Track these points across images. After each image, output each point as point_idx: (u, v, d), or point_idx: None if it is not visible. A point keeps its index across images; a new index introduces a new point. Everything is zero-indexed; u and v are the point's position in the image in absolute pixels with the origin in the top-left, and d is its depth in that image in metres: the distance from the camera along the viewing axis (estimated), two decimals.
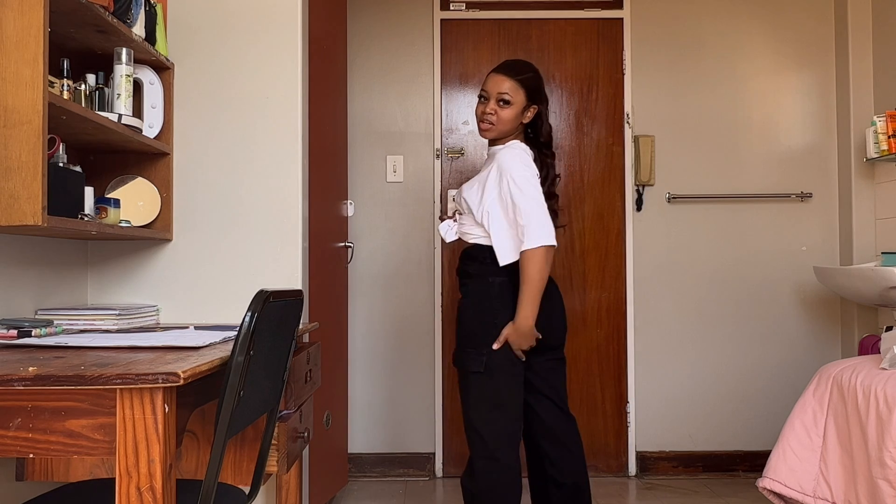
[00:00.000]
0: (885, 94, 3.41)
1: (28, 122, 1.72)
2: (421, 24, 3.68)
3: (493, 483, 2.23)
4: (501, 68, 2.37)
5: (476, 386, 2.25)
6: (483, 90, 2.35)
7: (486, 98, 2.34)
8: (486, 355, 2.22)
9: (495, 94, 2.31)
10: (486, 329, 2.24)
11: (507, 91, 2.30)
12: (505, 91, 2.30)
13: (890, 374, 2.27)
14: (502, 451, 2.23)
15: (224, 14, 2.53)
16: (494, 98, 2.31)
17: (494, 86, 2.32)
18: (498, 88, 2.31)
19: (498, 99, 2.31)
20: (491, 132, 2.35)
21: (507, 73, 2.34)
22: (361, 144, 3.66)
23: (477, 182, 2.35)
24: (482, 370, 2.22)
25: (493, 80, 2.34)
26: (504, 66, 2.38)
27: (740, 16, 3.70)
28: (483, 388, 2.24)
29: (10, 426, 1.27)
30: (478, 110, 2.37)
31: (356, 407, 3.62)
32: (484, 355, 2.22)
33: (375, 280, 3.64)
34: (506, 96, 2.30)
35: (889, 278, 2.69)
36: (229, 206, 2.52)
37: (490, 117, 2.32)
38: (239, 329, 1.35)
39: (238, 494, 1.64)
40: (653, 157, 3.64)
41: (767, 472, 2.56)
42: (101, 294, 2.51)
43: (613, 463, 3.65)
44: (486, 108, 2.33)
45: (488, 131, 2.35)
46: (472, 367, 2.24)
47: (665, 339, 3.66)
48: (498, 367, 2.22)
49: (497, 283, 2.27)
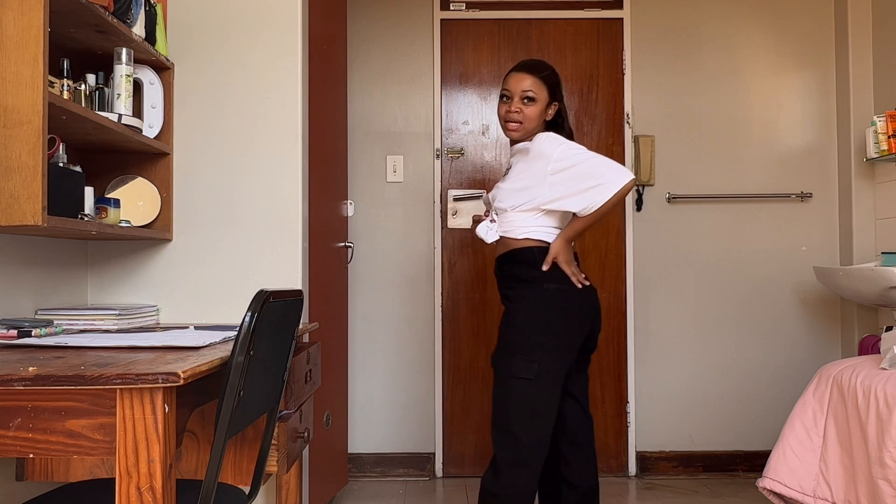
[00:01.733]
0: (885, 94, 3.41)
1: (28, 122, 1.72)
2: (421, 24, 3.68)
3: (519, 490, 2.21)
4: (522, 67, 2.36)
5: (520, 392, 2.21)
6: (505, 89, 2.34)
7: (510, 97, 2.33)
8: (537, 363, 2.19)
9: (519, 92, 2.30)
10: (541, 337, 2.22)
11: (531, 88, 2.30)
12: (528, 88, 2.30)
13: (890, 374, 2.27)
14: (535, 459, 2.22)
15: (224, 14, 2.53)
16: (518, 96, 2.31)
17: (517, 84, 2.31)
18: (521, 86, 2.30)
19: (522, 97, 2.30)
20: (518, 131, 2.33)
21: (528, 71, 2.33)
22: (361, 144, 3.66)
23: (521, 177, 2.29)
24: (532, 377, 2.19)
25: (514, 78, 2.33)
26: (524, 65, 2.37)
27: (740, 16, 3.70)
28: (527, 395, 2.21)
29: (10, 426, 1.27)
30: (501, 111, 2.35)
31: (356, 407, 3.62)
32: (535, 363, 2.19)
33: (375, 280, 3.64)
34: (530, 93, 2.30)
35: (889, 278, 2.69)
36: (229, 205, 2.52)
37: (516, 115, 2.31)
38: (239, 329, 1.35)
39: (238, 494, 1.64)
40: (653, 157, 3.64)
41: (767, 472, 2.56)
42: (101, 294, 2.51)
43: (613, 463, 3.65)
44: (510, 107, 2.32)
45: (516, 131, 2.33)
46: (521, 373, 2.20)
47: (665, 339, 3.66)
48: (547, 375, 2.21)
49: (552, 289, 2.25)
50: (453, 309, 3.63)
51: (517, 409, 2.22)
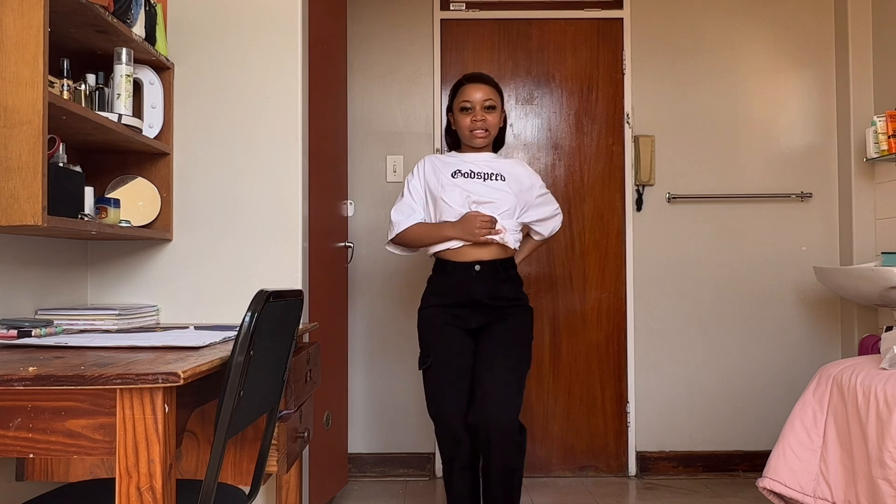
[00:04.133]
0: (885, 94, 3.41)
1: (28, 122, 1.72)
2: (421, 24, 3.68)
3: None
4: (475, 79, 2.57)
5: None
6: (465, 101, 2.52)
7: (471, 108, 2.52)
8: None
9: (480, 102, 2.51)
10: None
11: (490, 96, 2.53)
12: (488, 97, 2.52)
13: (890, 374, 2.27)
14: None
15: (224, 14, 2.53)
16: (480, 105, 2.51)
17: (475, 94, 2.52)
18: (482, 96, 2.52)
19: (483, 106, 2.51)
20: (486, 138, 2.55)
21: (482, 82, 2.55)
22: (361, 144, 3.66)
23: (523, 196, 2.58)
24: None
25: (472, 89, 2.54)
26: (476, 77, 2.58)
27: (740, 16, 3.70)
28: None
29: (10, 426, 1.27)
30: (465, 121, 2.53)
31: (356, 407, 3.62)
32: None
33: (375, 280, 3.64)
34: (489, 101, 2.52)
35: (889, 278, 2.69)
36: (229, 206, 2.52)
37: (482, 124, 2.51)
38: (239, 329, 1.35)
39: (238, 494, 1.64)
40: (653, 157, 3.64)
41: (767, 472, 2.56)
42: (101, 294, 2.51)
43: (613, 463, 3.65)
44: (474, 116, 2.51)
45: (485, 138, 2.54)
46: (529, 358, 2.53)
47: (665, 339, 3.66)
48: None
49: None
50: None
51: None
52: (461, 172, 2.53)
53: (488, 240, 2.46)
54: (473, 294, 2.48)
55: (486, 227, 2.43)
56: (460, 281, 2.49)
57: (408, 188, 2.58)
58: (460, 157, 2.59)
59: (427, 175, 2.57)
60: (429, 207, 2.57)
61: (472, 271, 2.48)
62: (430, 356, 2.47)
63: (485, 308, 2.49)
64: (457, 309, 2.50)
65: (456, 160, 2.58)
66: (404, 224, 2.54)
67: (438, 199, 2.51)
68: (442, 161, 2.59)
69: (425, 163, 2.60)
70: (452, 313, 2.49)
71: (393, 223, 2.56)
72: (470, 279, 2.48)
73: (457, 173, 2.53)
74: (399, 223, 2.54)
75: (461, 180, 2.51)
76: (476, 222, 2.43)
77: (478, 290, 2.48)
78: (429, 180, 2.56)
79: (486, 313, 2.50)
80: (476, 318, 2.50)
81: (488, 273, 2.49)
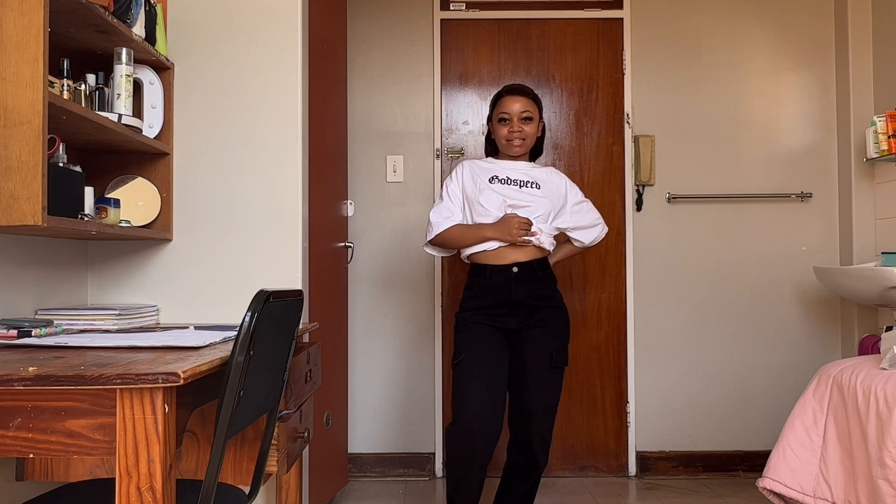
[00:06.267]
0: (885, 94, 3.41)
1: (28, 122, 1.72)
2: (421, 24, 3.68)
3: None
4: (513, 91, 2.64)
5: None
6: (503, 113, 2.61)
7: (509, 119, 2.60)
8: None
9: (517, 114, 2.59)
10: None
11: (527, 108, 2.61)
12: (526, 109, 2.61)
13: (890, 374, 2.27)
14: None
15: (224, 14, 2.53)
16: (518, 117, 2.59)
17: (513, 106, 2.60)
18: (520, 108, 2.60)
19: (521, 117, 2.59)
20: (523, 147, 2.63)
21: (520, 94, 2.63)
22: (361, 144, 3.66)
23: (558, 202, 2.65)
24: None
25: (510, 101, 2.61)
26: (514, 89, 2.65)
27: (740, 16, 3.70)
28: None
29: (10, 426, 1.27)
30: (502, 132, 2.62)
31: (356, 407, 3.62)
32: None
33: (375, 280, 3.64)
34: (527, 113, 2.60)
35: (889, 278, 2.69)
36: (229, 205, 2.52)
37: (519, 134, 2.59)
38: (239, 329, 1.35)
39: (238, 494, 1.64)
40: (653, 157, 3.65)
41: (767, 472, 2.56)
42: (101, 294, 2.51)
43: (613, 463, 3.65)
44: (511, 127, 2.60)
45: (521, 147, 2.62)
46: (565, 362, 2.61)
47: (665, 339, 3.66)
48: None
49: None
50: (453, 309, 3.62)
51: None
52: (498, 178, 2.61)
53: (525, 241, 2.51)
54: (514, 295, 2.53)
55: (524, 227, 2.50)
56: (500, 283, 2.54)
57: (447, 191, 2.65)
58: (498, 164, 2.67)
59: (465, 179, 2.64)
60: (466, 211, 2.63)
61: (510, 273, 2.54)
62: (462, 352, 2.52)
63: (524, 309, 2.54)
64: (495, 310, 2.54)
65: (494, 166, 2.66)
66: (443, 225, 2.59)
67: (475, 203, 2.58)
68: (480, 166, 2.66)
69: (464, 167, 2.66)
70: (491, 314, 2.54)
71: (432, 224, 2.61)
72: (509, 281, 2.53)
73: (494, 179, 2.61)
74: (438, 224, 2.60)
75: (498, 185, 2.59)
76: (514, 223, 2.50)
77: (518, 291, 2.53)
78: (466, 184, 2.63)
79: (524, 315, 2.54)
80: (515, 319, 2.54)
81: (526, 273, 2.55)
